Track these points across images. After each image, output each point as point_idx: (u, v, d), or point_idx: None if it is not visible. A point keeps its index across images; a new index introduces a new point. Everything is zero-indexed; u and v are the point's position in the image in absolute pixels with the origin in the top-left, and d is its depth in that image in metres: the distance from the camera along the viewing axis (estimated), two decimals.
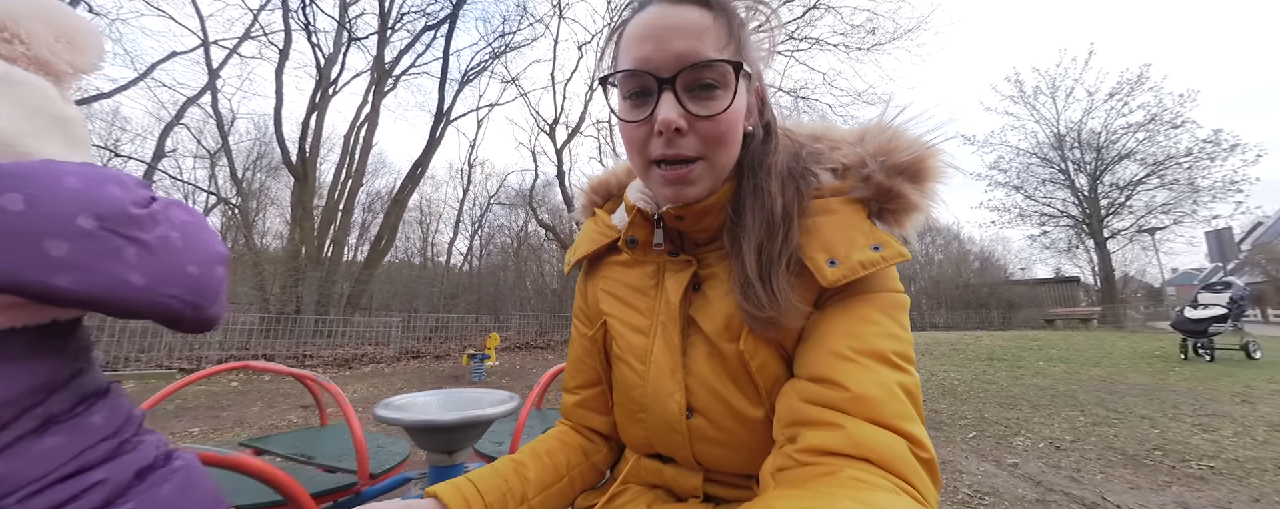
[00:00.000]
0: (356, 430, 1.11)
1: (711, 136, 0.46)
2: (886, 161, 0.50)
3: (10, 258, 0.35)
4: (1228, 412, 3.67)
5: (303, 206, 9.87)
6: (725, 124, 0.46)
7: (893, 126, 0.53)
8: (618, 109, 0.50)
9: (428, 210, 20.35)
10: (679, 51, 0.45)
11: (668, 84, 0.45)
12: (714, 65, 0.45)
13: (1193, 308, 7.03)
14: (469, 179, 18.13)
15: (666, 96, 0.45)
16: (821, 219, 0.49)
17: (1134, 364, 6.47)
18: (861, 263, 0.46)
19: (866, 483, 0.36)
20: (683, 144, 0.46)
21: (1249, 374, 5.41)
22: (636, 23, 0.47)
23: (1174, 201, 16.54)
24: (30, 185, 0.37)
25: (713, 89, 0.46)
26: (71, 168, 0.42)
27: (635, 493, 0.59)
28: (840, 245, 0.47)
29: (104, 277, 0.40)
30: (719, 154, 0.48)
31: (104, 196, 0.41)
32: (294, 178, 10.04)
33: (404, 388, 5.22)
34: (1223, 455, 2.67)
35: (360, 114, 11.91)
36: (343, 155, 11.79)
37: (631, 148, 0.50)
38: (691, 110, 0.45)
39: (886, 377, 0.42)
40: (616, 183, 0.69)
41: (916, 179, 0.50)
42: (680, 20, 0.45)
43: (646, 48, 0.46)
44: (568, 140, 12.82)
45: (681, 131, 0.46)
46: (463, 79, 11.76)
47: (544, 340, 9.98)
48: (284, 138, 9.55)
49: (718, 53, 0.45)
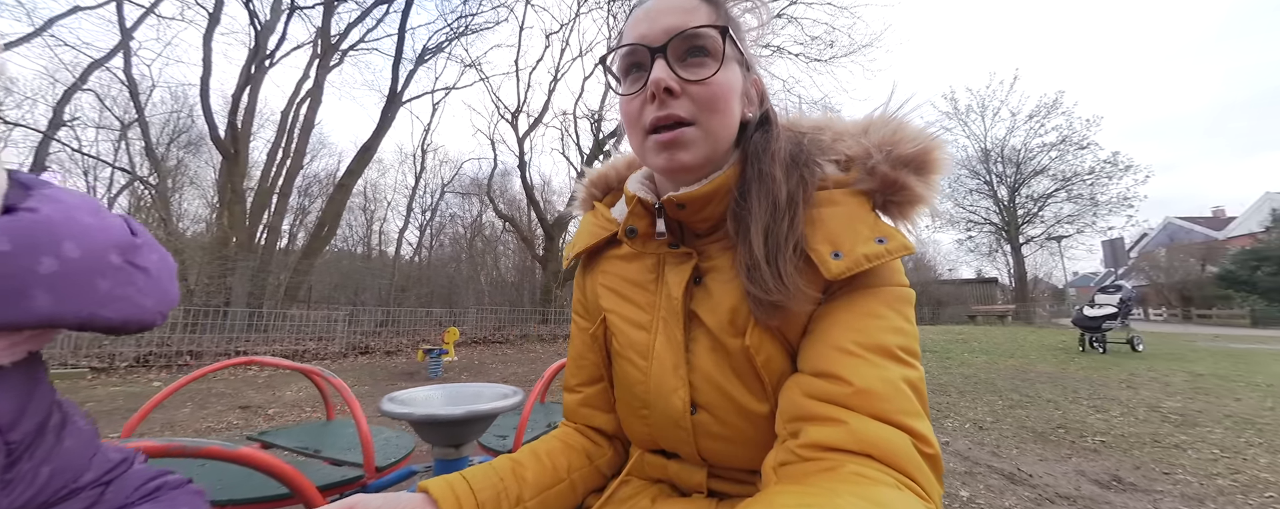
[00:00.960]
0: (362, 424, 1.13)
1: (704, 100, 0.47)
2: (892, 153, 0.50)
3: (76, 300, 0.40)
4: (1116, 396, 4.23)
5: (232, 188, 9.05)
6: (717, 87, 0.47)
7: (897, 118, 0.53)
8: (617, 87, 0.52)
9: (373, 197, 19.24)
10: (668, 25, 0.47)
11: (659, 52, 0.46)
12: (701, 32, 0.46)
13: (1090, 307, 8.02)
14: (422, 165, 17.33)
15: (658, 62, 0.46)
16: (825, 211, 0.49)
17: (1042, 355, 7.27)
18: (866, 255, 0.45)
19: (869, 478, 0.36)
20: (675, 105, 0.47)
21: (1133, 364, 6.25)
22: (635, 14, 0.50)
23: (1077, 214, 18.86)
24: (75, 230, 0.41)
25: (702, 54, 0.47)
26: (75, 201, 0.43)
27: (638, 487, 0.58)
28: (845, 238, 0.47)
29: (133, 305, 0.44)
30: (712, 120, 0.47)
31: (116, 229, 0.45)
32: (222, 156, 9.18)
33: (354, 386, 4.96)
34: (1112, 432, 3.10)
35: (300, 90, 11.08)
36: (279, 134, 10.89)
37: (629, 122, 0.50)
38: (682, 75, 0.46)
39: (891, 372, 0.42)
40: (616, 177, 0.68)
41: (921, 171, 0.50)
42: (674, 3, 0.48)
43: (641, 27, 0.48)
44: (530, 130, 12.54)
45: (673, 93, 0.46)
46: (418, 59, 11.19)
47: (503, 335, 9.70)
48: (212, 111, 8.72)
49: (707, 23, 0.47)
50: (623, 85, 0.51)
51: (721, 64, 0.47)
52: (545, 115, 12.64)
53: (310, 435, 1.44)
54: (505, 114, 12.53)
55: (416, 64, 11.11)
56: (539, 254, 12.98)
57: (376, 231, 19.46)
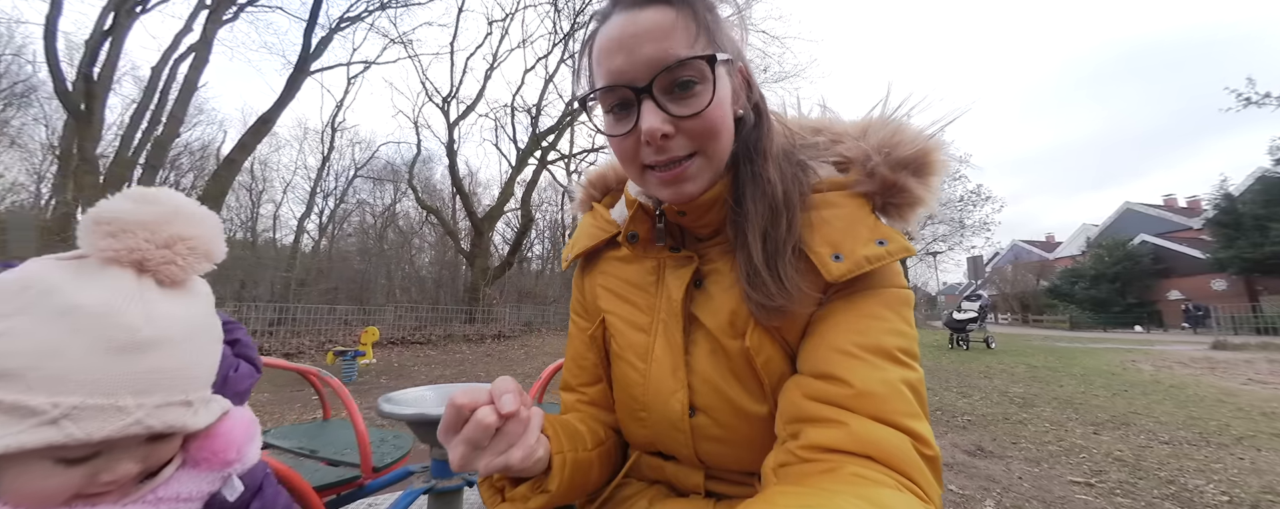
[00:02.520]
0: (359, 425, 1.12)
1: (700, 132, 0.45)
2: (891, 156, 0.49)
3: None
4: (977, 384, 5.08)
5: (82, 154, 7.52)
6: (712, 118, 0.44)
7: (895, 120, 0.52)
8: (602, 125, 0.48)
9: (262, 176, 16.94)
10: (649, 57, 0.43)
11: (645, 92, 0.43)
12: (688, 63, 0.43)
13: (958, 312, 9.50)
14: (330, 144, 15.66)
15: (647, 105, 0.44)
16: (825, 213, 0.48)
17: (921, 352, 8.45)
18: (867, 258, 0.45)
19: (869, 479, 0.35)
20: (673, 147, 0.45)
21: (989, 359, 7.52)
22: (603, 35, 0.46)
23: (948, 234, 22.10)
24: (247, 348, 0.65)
25: (692, 86, 0.44)
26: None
27: (637, 488, 0.58)
28: (845, 240, 0.46)
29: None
30: (712, 147, 0.46)
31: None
32: (69, 113, 7.62)
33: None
34: (974, 412, 3.73)
35: (179, 44, 9.51)
36: (148, 93, 9.27)
37: (624, 159, 0.48)
38: (674, 112, 0.44)
39: (891, 373, 0.41)
40: (615, 177, 0.67)
41: (920, 173, 0.49)
42: (645, 25, 0.43)
43: (618, 60, 0.44)
44: (461, 117, 11.88)
45: (669, 136, 0.44)
46: (335, 26, 10.14)
47: (424, 335, 9.05)
48: (58, 58, 7.20)
49: (689, 48, 0.43)
50: (608, 122, 0.47)
51: (713, 91, 0.44)
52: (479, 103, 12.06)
53: (307, 436, 1.42)
54: (435, 98, 11.80)
55: (333, 31, 10.05)
56: (465, 249, 12.34)
57: (272, 216, 17.12)
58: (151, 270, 0.40)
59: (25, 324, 0.34)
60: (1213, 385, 4.96)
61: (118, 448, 0.36)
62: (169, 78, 9.16)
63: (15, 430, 0.32)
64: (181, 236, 0.41)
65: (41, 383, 0.33)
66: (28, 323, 0.34)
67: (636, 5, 0.44)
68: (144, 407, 0.36)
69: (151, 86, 9.07)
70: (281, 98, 9.05)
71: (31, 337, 0.34)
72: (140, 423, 0.36)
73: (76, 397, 0.34)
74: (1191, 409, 3.84)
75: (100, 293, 0.37)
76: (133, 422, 0.35)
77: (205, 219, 0.44)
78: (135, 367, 0.36)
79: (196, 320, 0.42)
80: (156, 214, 0.40)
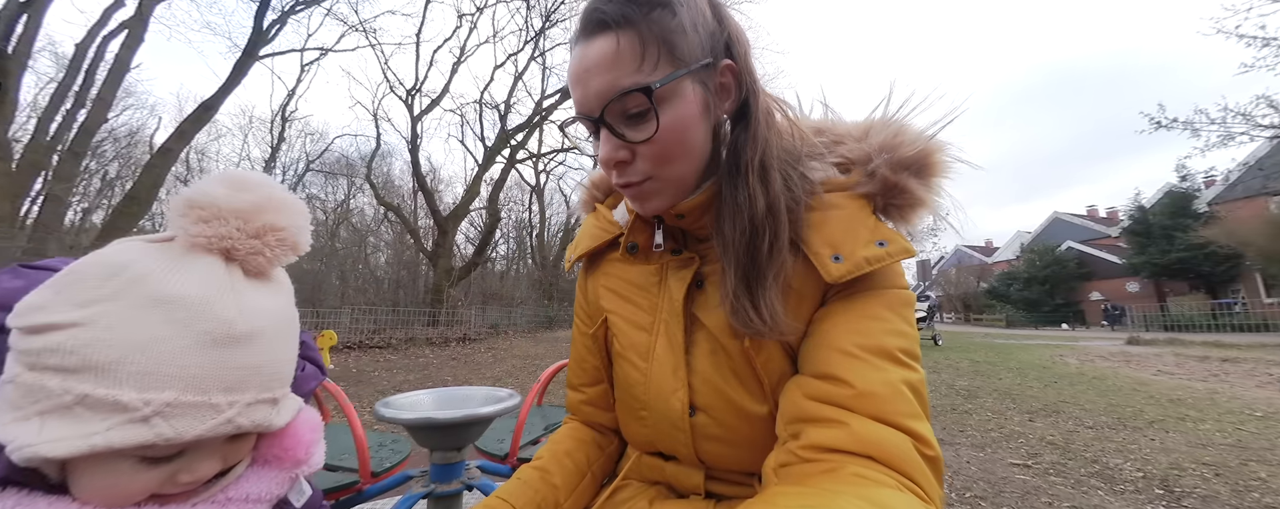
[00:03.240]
0: (357, 429, 1.10)
1: (654, 157, 0.46)
2: (892, 157, 0.49)
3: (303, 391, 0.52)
4: (927, 378, 5.40)
5: None
6: (663, 143, 0.45)
7: (897, 121, 0.52)
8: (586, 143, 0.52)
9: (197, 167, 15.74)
10: (598, 90, 0.44)
11: (599, 122, 0.45)
12: (629, 96, 0.43)
13: None
14: (280, 135, 14.76)
15: (603, 134, 0.46)
16: (826, 214, 0.49)
17: None
18: (867, 259, 0.45)
19: (870, 480, 0.35)
20: (631, 171, 0.47)
21: (937, 355, 7.99)
22: (569, 67, 0.48)
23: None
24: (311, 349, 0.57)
25: (642, 114, 0.44)
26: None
27: (636, 489, 0.58)
28: (845, 241, 0.46)
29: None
30: (666, 170, 0.47)
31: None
32: None
33: None
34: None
35: (109, 19, 8.72)
36: (71, 73, 8.44)
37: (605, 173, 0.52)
38: (630, 138, 0.45)
39: (892, 374, 0.41)
40: None
41: (922, 174, 0.49)
42: (593, 57, 0.44)
43: (577, 92, 0.46)
44: (425, 111, 11.42)
45: (626, 162, 0.46)
46: (290, 8, 9.58)
47: (383, 338, 8.60)
48: None
49: (633, 75, 0.43)
50: (593, 143, 0.51)
51: (658, 120, 0.44)
52: (444, 98, 11.68)
53: None
54: (398, 90, 11.30)
55: (287, 13, 9.49)
56: (428, 248, 11.93)
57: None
58: (239, 260, 0.37)
59: (114, 313, 0.32)
60: (1129, 376, 5.49)
61: (202, 447, 0.35)
62: (96, 56, 8.37)
63: (103, 428, 0.30)
64: (273, 227, 0.39)
65: (131, 378, 0.31)
66: (116, 312, 0.32)
67: (586, 36, 0.45)
68: (236, 405, 0.34)
69: (76, 65, 8.26)
70: (227, 83, 8.48)
71: (121, 327, 0.31)
72: (231, 422, 0.34)
73: (169, 393, 0.31)
74: (1111, 397, 4.24)
75: (194, 283, 0.34)
76: (224, 420, 0.33)
77: (296, 209, 0.41)
78: (228, 362, 0.34)
79: (284, 314, 0.41)
80: (250, 202, 0.37)
